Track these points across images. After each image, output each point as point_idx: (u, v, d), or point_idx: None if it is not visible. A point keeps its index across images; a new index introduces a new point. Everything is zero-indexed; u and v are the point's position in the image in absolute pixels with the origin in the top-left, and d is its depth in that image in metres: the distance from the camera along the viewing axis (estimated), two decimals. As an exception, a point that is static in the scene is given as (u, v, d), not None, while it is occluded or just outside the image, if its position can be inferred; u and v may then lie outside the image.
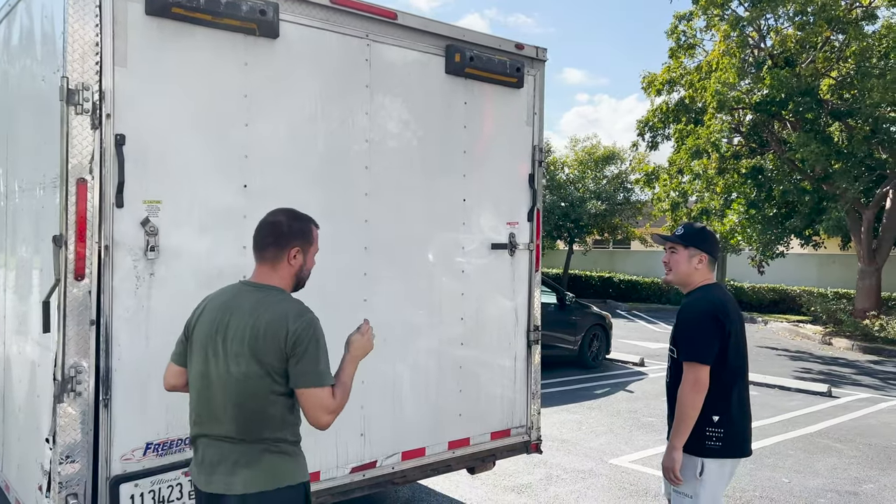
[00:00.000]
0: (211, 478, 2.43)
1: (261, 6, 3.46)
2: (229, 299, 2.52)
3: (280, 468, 2.44)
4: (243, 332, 2.39)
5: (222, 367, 2.41)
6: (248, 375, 2.37)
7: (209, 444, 2.47)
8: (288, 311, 2.42)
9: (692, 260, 3.27)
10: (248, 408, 2.39)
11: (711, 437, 3.15)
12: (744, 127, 17.52)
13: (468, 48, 4.32)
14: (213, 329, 2.46)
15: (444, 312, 4.39)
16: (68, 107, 3.02)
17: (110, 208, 3.15)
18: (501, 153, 4.62)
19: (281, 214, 2.63)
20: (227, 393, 2.40)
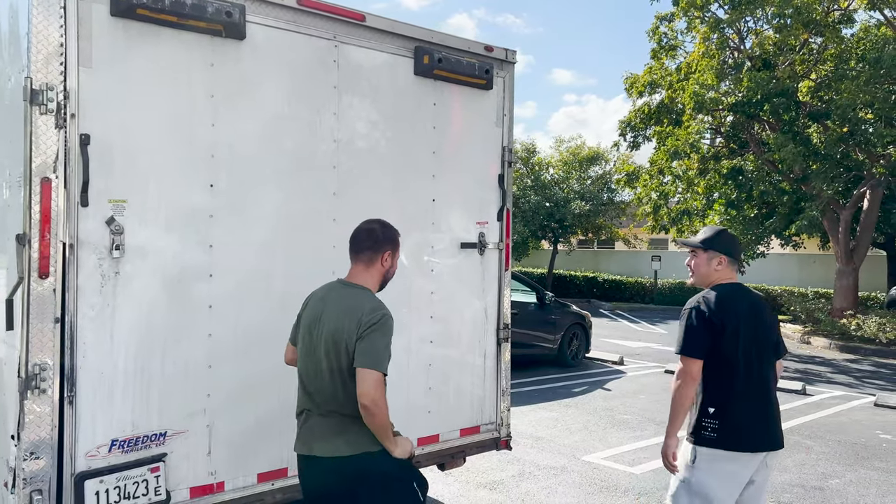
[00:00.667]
0: (311, 444, 2.92)
1: (227, 8, 3.50)
2: (326, 293, 3.06)
3: (359, 437, 2.85)
4: (331, 322, 2.89)
5: (319, 351, 2.90)
6: (332, 359, 2.85)
7: (308, 417, 2.97)
8: (366, 304, 2.91)
9: (712, 262, 3.47)
10: (334, 385, 2.86)
11: (707, 428, 3.30)
12: (724, 128, 17.71)
13: (437, 50, 4.38)
14: (313, 318, 3.00)
15: (414, 311, 4.44)
16: (32, 106, 3.04)
17: (75, 207, 3.18)
18: (471, 154, 4.68)
19: (375, 223, 3.16)
20: (319, 373, 2.89)
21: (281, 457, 3.86)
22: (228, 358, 3.65)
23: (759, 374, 3.37)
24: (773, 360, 3.48)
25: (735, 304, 3.38)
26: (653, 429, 7.73)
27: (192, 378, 3.53)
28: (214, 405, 3.61)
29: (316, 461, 2.90)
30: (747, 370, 3.34)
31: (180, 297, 3.48)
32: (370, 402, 2.73)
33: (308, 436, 2.95)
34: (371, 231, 3.10)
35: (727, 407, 3.29)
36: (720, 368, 3.31)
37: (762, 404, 3.37)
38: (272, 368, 3.81)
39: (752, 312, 3.40)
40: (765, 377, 3.39)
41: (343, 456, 2.83)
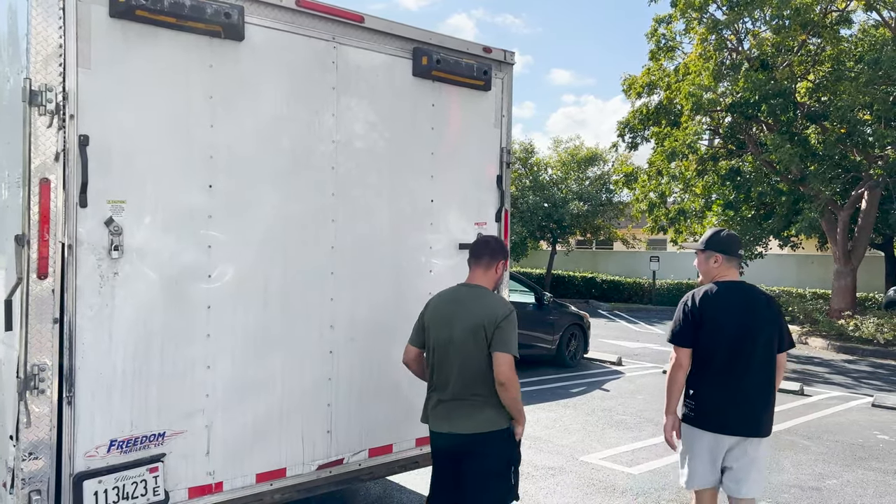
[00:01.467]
0: (452, 422, 3.44)
1: (225, 9, 3.51)
2: (456, 296, 3.59)
3: (494, 416, 3.42)
4: (471, 318, 3.42)
5: (458, 343, 3.41)
6: (472, 349, 3.39)
7: (441, 401, 3.49)
8: (496, 301, 3.51)
9: (709, 261, 3.87)
10: (473, 371, 3.40)
11: (687, 407, 3.80)
12: (722, 129, 17.73)
13: (435, 51, 4.39)
14: (448, 316, 3.50)
15: (413, 312, 4.41)
16: (31, 107, 3.05)
17: (74, 208, 3.18)
18: (469, 155, 4.69)
19: (491, 237, 3.86)
20: (460, 362, 3.41)
21: (279, 457, 3.87)
22: (227, 358, 3.66)
23: (740, 364, 3.65)
24: (764, 354, 3.69)
25: (720, 298, 3.70)
26: (651, 429, 7.73)
27: (190, 378, 3.54)
28: (213, 405, 3.62)
29: (457, 437, 3.44)
30: (726, 360, 3.65)
31: (179, 298, 3.49)
32: (506, 379, 3.33)
33: (447, 415, 3.48)
34: (489, 242, 3.73)
35: (703, 391, 3.72)
36: (700, 356, 3.71)
37: (736, 392, 3.66)
38: (271, 369, 3.83)
39: (742, 307, 3.70)
40: (747, 368, 3.65)
41: (482, 432, 3.41)
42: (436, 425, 3.56)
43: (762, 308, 3.74)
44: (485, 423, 3.41)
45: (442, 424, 3.51)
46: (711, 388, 3.69)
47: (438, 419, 3.53)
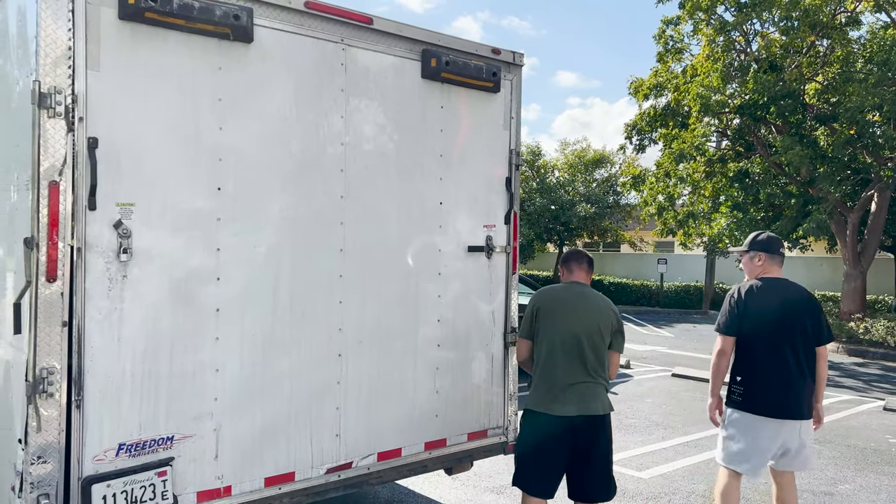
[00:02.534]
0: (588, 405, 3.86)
1: (234, 11, 3.50)
2: (580, 291, 4.09)
3: (608, 399, 4.02)
4: (597, 313, 3.99)
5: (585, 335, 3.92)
6: (599, 341, 3.95)
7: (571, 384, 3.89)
8: (610, 302, 4.13)
9: (753, 260, 4.37)
10: (598, 360, 3.94)
11: (734, 392, 4.23)
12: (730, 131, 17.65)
13: (444, 53, 4.36)
14: (577, 309, 3.99)
15: (421, 314, 4.43)
16: (40, 110, 3.04)
17: (83, 211, 3.17)
18: (478, 157, 4.67)
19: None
20: (588, 350, 3.91)
21: (288, 461, 3.85)
22: (235, 361, 3.64)
23: (783, 353, 4.08)
24: (804, 343, 4.13)
25: (763, 292, 4.18)
26: (660, 433, 7.69)
27: (199, 382, 3.52)
28: (221, 409, 3.60)
29: (592, 418, 3.88)
30: (769, 348, 4.10)
31: (188, 301, 3.48)
32: (614, 375, 4.11)
33: (580, 399, 3.88)
34: (590, 256, 4.32)
35: (750, 376, 4.13)
36: (745, 345, 4.18)
37: (780, 379, 4.07)
38: (279, 372, 3.80)
39: (783, 300, 4.17)
40: (789, 356, 4.08)
41: (606, 413, 3.96)
42: (566, 409, 3.87)
43: (802, 302, 4.21)
44: (609, 405, 3.99)
45: (572, 408, 3.86)
46: (760, 375, 4.10)
47: (570, 403, 3.87)
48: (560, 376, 3.92)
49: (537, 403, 3.97)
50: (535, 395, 4.01)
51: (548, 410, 3.91)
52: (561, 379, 3.91)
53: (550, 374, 3.94)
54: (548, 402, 3.92)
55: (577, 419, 3.87)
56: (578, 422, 3.87)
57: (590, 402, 3.89)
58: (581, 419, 3.87)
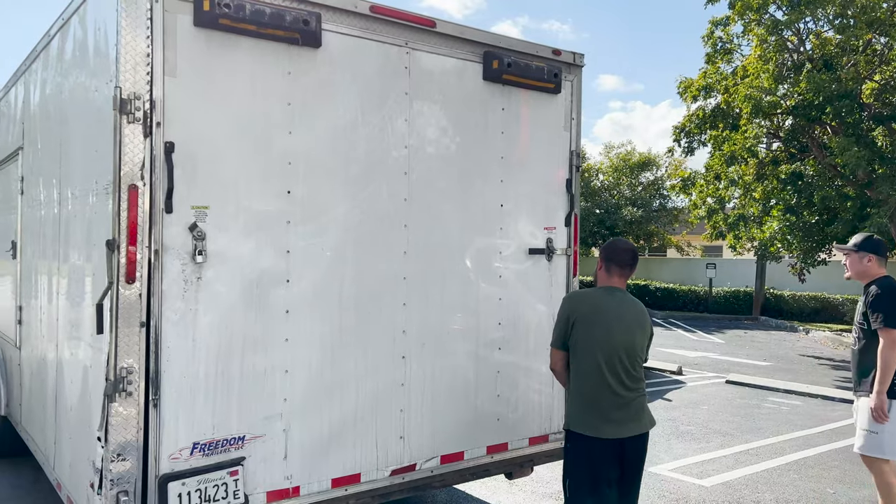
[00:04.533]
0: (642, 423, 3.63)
1: (304, 16, 3.54)
2: (615, 300, 3.71)
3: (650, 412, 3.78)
4: (637, 320, 3.69)
5: (627, 345, 3.60)
6: (639, 350, 3.66)
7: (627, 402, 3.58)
8: (644, 307, 3.85)
9: (862, 260, 4.55)
10: (640, 371, 3.66)
11: None
12: (783, 132, 17.22)
13: (506, 54, 4.35)
14: (620, 317, 3.64)
15: (482, 317, 4.41)
16: (121, 116, 3.12)
17: (160, 214, 3.25)
18: (539, 159, 4.64)
19: (633, 245, 4.00)
20: (633, 362, 3.61)
21: (354, 462, 3.86)
22: (304, 363, 3.68)
23: None
24: None
25: None
26: (718, 441, 7.51)
27: (269, 382, 3.57)
28: (291, 410, 3.63)
29: (641, 435, 3.65)
30: None
31: (259, 302, 3.52)
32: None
33: (633, 417, 3.60)
34: (636, 252, 3.92)
35: None
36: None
37: None
38: (345, 373, 3.83)
39: None
40: None
41: (652, 427, 3.74)
42: (619, 430, 3.55)
43: None
44: (653, 418, 3.76)
45: (624, 428, 3.56)
46: None
47: (621, 423, 3.56)
48: (607, 395, 3.55)
49: (584, 426, 3.58)
50: (580, 416, 3.61)
51: (598, 434, 3.53)
52: (608, 398, 3.55)
53: (597, 393, 3.57)
54: (598, 424, 3.55)
55: (628, 439, 3.57)
56: (629, 441, 3.57)
57: (640, 418, 3.62)
58: (631, 438, 3.58)
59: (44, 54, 4.74)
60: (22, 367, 5.23)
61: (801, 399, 10.08)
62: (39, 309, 4.72)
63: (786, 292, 23.80)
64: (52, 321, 4.36)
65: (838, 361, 14.43)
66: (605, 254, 3.86)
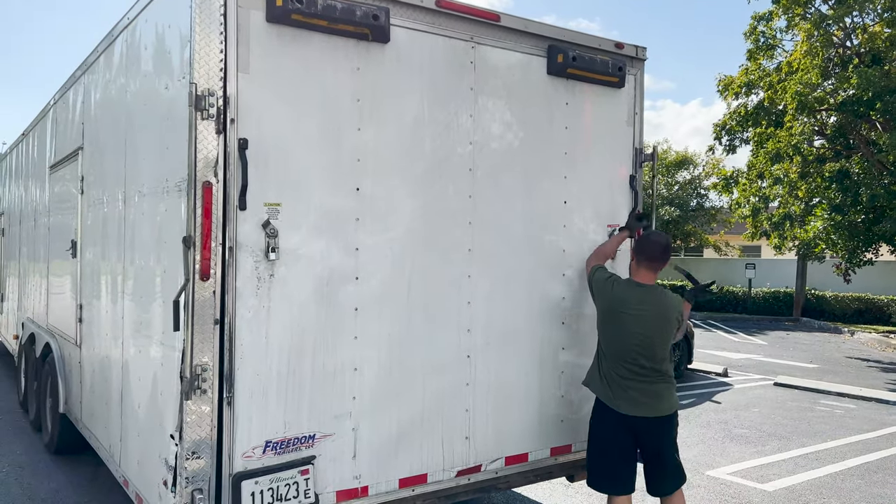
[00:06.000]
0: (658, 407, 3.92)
1: (374, 11, 3.51)
2: (634, 293, 3.99)
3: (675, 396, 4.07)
4: (666, 311, 3.97)
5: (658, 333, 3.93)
6: (667, 339, 3.97)
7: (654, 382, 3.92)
8: (676, 298, 4.12)
9: None
10: (666, 358, 3.97)
11: None
12: (828, 129, 16.82)
13: (570, 48, 4.27)
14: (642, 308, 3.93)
15: (546, 316, 4.33)
16: (196, 112, 3.11)
17: (234, 211, 3.23)
18: (602, 154, 4.55)
19: (666, 238, 4.17)
20: (660, 348, 3.94)
21: (421, 462, 3.81)
22: (373, 361, 3.64)
23: None
24: None
25: None
26: (775, 444, 7.32)
27: (339, 380, 3.53)
28: (359, 408, 3.60)
29: (660, 419, 3.94)
30: None
31: (329, 300, 3.49)
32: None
33: (651, 401, 3.92)
34: (669, 246, 4.08)
35: None
36: None
37: None
38: (412, 372, 3.78)
39: None
40: None
41: (676, 411, 4.04)
42: (646, 409, 3.91)
43: None
44: (676, 402, 4.06)
45: (653, 409, 3.92)
46: None
47: (642, 404, 3.91)
48: (619, 378, 3.95)
49: (603, 395, 4.02)
50: (599, 386, 4.04)
51: (614, 406, 3.95)
52: (619, 380, 3.94)
53: (611, 373, 3.98)
54: (612, 398, 3.96)
55: (641, 419, 3.92)
56: (641, 421, 3.92)
57: (656, 403, 3.93)
58: (644, 419, 3.92)
59: (105, 55, 4.79)
60: (83, 365, 5.28)
61: (854, 402, 9.80)
62: (102, 308, 4.76)
63: (828, 293, 23.26)
64: (117, 320, 4.38)
65: (887, 364, 14.03)
66: (637, 246, 4.14)
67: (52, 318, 6.39)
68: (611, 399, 3.96)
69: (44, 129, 6.98)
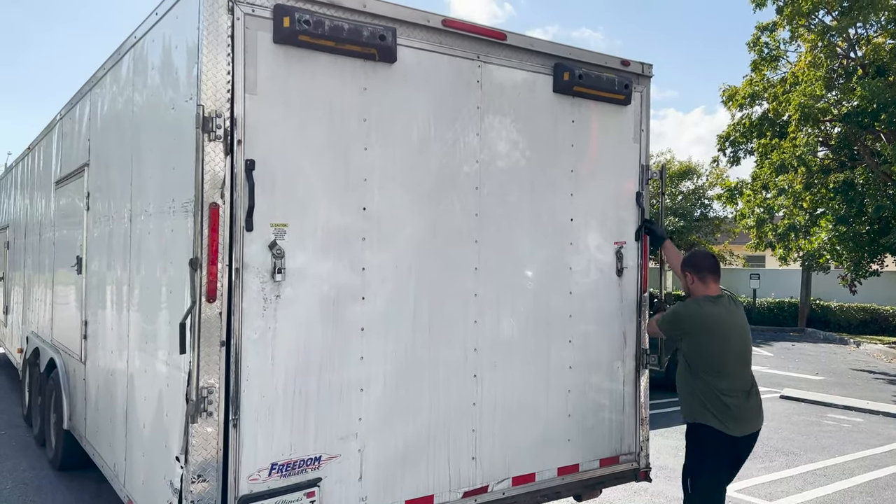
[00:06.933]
0: (756, 423, 3.99)
1: (380, 31, 3.51)
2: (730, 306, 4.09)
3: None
4: (746, 325, 4.13)
5: (747, 349, 4.07)
6: (750, 345, 4.12)
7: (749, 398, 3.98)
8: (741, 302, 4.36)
9: None
10: (749, 365, 4.10)
11: None
12: (832, 140, 16.80)
13: (576, 66, 4.27)
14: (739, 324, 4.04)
15: (553, 334, 4.31)
16: (203, 133, 3.11)
17: (240, 231, 3.22)
18: (608, 172, 4.54)
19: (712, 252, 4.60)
20: (748, 365, 4.08)
21: (427, 484, 3.78)
22: (379, 381, 3.62)
23: None
24: None
25: None
26: (782, 460, 7.27)
27: (345, 401, 3.51)
28: (366, 429, 3.57)
29: (756, 433, 4.02)
30: None
31: (335, 320, 3.48)
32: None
33: (754, 415, 3.99)
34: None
35: None
36: None
37: None
38: (418, 392, 3.76)
39: None
40: None
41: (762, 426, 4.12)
42: (749, 426, 3.97)
43: None
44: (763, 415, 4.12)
45: (753, 424, 3.99)
46: None
47: (747, 421, 3.95)
48: (730, 397, 3.92)
49: (713, 420, 3.92)
50: (705, 411, 3.95)
51: (725, 430, 3.91)
52: (731, 399, 3.92)
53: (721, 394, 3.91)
54: (724, 421, 3.90)
55: (741, 437, 3.94)
56: (741, 439, 3.95)
57: (756, 416, 4.02)
58: (744, 436, 3.96)
59: (112, 72, 4.80)
60: (87, 382, 5.27)
61: (861, 416, 9.74)
62: (107, 325, 4.75)
63: (833, 303, 23.20)
64: (123, 337, 4.37)
65: (893, 376, 13.96)
66: (696, 265, 4.18)
67: (56, 333, 6.39)
68: (722, 424, 3.91)
69: (50, 143, 7.00)
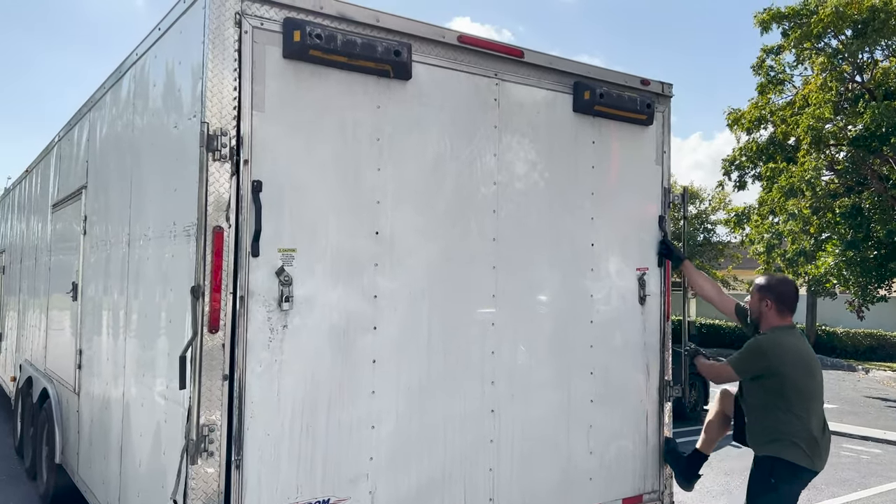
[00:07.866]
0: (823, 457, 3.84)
1: (395, 47, 3.33)
2: (802, 341, 3.97)
3: None
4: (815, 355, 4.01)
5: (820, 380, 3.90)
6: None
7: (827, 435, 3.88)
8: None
9: None
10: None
11: None
12: (839, 164, 16.67)
13: (597, 85, 4.09)
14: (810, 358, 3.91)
15: (573, 366, 4.08)
16: (207, 152, 2.91)
17: (246, 257, 3.01)
18: (630, 195, 4.34)
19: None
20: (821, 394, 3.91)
21: (443, 527, 3.53)
22: (391, 417, 3.38)
23: None
24: None
25: None
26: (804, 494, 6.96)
27: (355, 439, 3.27)
28: (377, 469, 3.33)
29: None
30: None
31: (345, 352, 3.25)
32: None
33: (828, 449, 3.88)
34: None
35: None
36: None
37: None
38: (433, 430, 3.53)
39: None
40: None
41: None
42: (821, 464, 3.84)
43: None
44: None
45: (826, 459, 3.86)
46: None
47: (823, 457, 3.84)
48: (816, 432, 3.79)
49: (804, 458, 3.75)
50: (797, 450, 3.74)
51: (813, 467, 3.80)
52: (817, 434, 3.80)
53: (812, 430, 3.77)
54: (812, 457, 3.78)
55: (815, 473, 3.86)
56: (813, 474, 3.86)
57: (829, 449, 3.94)
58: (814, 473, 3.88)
59: (112, 92, 4.63)
60: (81, 414, 5.02)
61: (879, 447, 9.45)
62: (103, 355, 4.52)
63: (839, 329, 22.94)
64: (119, 369, 4.14)
65: (908, 404, 13.66)
66: (781, 294, 3.96)
67: (50, 362, 6.15)
68: (810, 461, 3.76)
69: (47, 166, 6.83)
